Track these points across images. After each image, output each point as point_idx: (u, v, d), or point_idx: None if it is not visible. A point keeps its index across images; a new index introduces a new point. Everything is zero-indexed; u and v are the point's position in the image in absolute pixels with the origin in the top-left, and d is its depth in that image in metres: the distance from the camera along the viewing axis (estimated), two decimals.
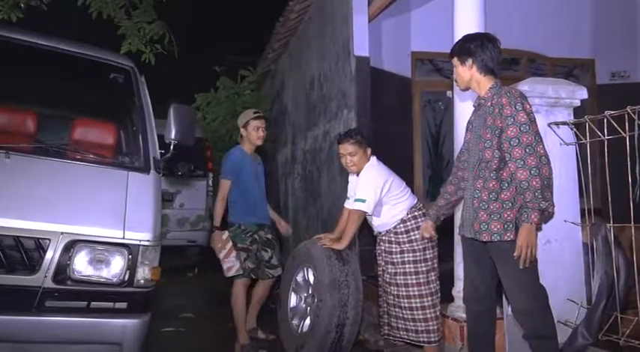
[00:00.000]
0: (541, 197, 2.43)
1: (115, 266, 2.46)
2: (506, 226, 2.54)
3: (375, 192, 3.39)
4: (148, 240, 2.52)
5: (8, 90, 3.38)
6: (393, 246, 3.42)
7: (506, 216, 2.55)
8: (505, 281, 2.65)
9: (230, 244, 3.98)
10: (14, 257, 2.30)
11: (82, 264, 2.40)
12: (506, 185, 2.58)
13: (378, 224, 3.52)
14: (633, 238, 2.65)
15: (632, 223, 2.65)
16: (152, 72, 4.23)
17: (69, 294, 2.38)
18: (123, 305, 2.47)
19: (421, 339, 3.33)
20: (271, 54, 8.54)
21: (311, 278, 3.62)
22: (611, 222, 2.85)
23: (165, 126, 2.91)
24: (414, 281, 3.34)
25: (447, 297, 3.58)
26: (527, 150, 2.47)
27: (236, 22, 15.29)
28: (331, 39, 5.71)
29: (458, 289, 3.46)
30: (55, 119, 3.73)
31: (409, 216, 3.44)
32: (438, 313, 3.39)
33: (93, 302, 2.42)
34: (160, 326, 4.28)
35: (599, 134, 2.84)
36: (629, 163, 2.62)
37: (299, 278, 3.73)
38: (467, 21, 3.43)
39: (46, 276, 2.33)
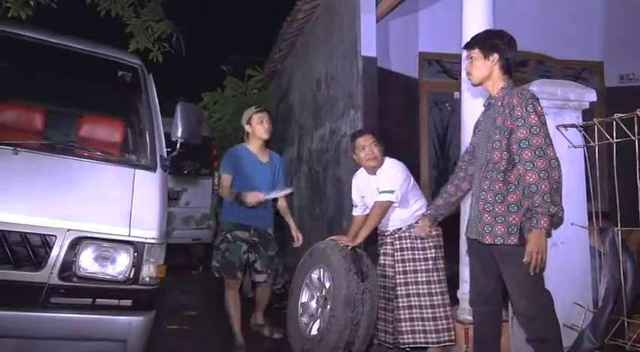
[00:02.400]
0: (550, 201, 2.39)
1: (121, 264, 2.46)
2: (510, 230, 2.51)
3: (402, 184, 3.38)
4: (153, 238, 2.52)
5: (17, 87, 3.40)
6: (417, 240, 3.38)
7: (511, 219, 2.52)
8: (508, 285, 2.63)
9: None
10: (20, 253, 2.30)
11: (87, 261, 2.41)
12: (512, 187, 2.55)
13: (403, 218, 3.45)
14: None
15: None
16: (160, 70, 4.24)
17: (74, 291, 2.38)
18: (128, 302, 2.47)
19: (442, 339, 3.28)
20: (278, 53, 8.55)
21: (326, 283, 3.53)
22: (619, 225, 2.83)
23: (172, 124, 2.92)
24: (436, 278, 3.34)
25: (452, 299, 3.56)
26: (537, 152, 2.44)
27: (243, 22, 15.33)
28: (338, 39, 5.71)
29: (463, 291, 3.45)
30: (62, 116, 3.74)
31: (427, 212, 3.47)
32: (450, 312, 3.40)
33: (98, 299, 2.42)
34: (164, 323, 4.28)
35: (608, 137, 2.82)
36: (637, 166, 2.60)
37: (314, 275, 3.63)
38: (475, 22, 3.42)
39: (51, 273, 2.33)
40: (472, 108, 3.36)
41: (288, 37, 7.73)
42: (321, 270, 3.59)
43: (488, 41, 2.69)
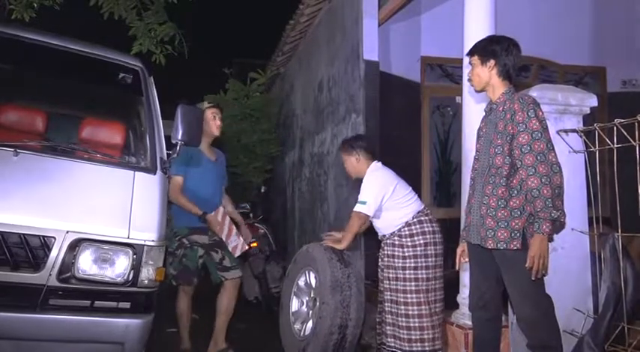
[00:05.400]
0: (552, 206, 2.40)
1: (120, 266, 2.46)
2: (512, 235, 2.51)
3: (377, 196, 3.41)
4: (152, 240, 2.52)
5: (18, 88, 3.41)
6: (396, 249, 3.39)
7: (513, 224, 2.52)
8: (510, 290, 2.63)
9: (227, 222, 3.81)
10: (19, 254, 2.30)
11: (86, 263, 2.41)
12: (515, 192, 2.55)
13: (382, 226, 3.50)
14: None
15: None
16: (162, 73, 4.25)
17: (73, 293, 2.39)
18: (126, 304, 2.48)
19: (414, 348, 3.27)
20: (281, 57, 8.56)
21: (312, 282, 3.63)
22: (620, 231, 2.82)
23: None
24: (413, 288, 3.31)
25: (452, 304, 3.55)
26: (539, 157, 2.44)
27: (246, 25, 15.36)
28: (341, 43, 5.71)
29: (463, 296, 3.43)
30: (63, 118, 3.74)
31: (414, 220, 3.42)
32: (436, 323, 3.32)
33: (96, 302, 2.42)
34: (164, 326, 4.28)
35: (609, 142, 2.81)
36: (638, 172, 2.59)
37: (300, 282, 3.73)
38: (477, 27, 3.42)
39: (50, 275, 2.34)
40: (473, 114, 3.36)
41: (291, 41, 7.74)
42: (306, 273, 3.69)
43: (486, 48, 2.72)
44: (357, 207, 3.44)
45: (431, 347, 3.28)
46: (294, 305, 3.73)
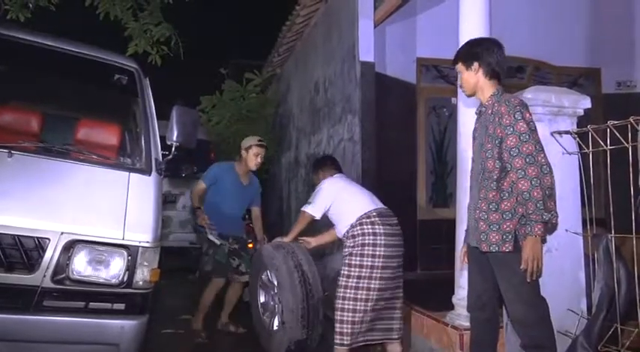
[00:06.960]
0: (543, 208, 2.40)
1: (114, 267, 2.47)
2: (504, 237, 2.52)
3: (321, 198, 3.73)
4: (147, 242, 2.52)
5: (13, 89, 3.40)
6: (345, 249, 3.59)
7: (505, 227, 2.53)
8: (503, 291, 2.63)
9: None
10: (13, 256, 2.30)
11: (81, 264, 2.41)
12: (506, 195, 2.55)
13: (338, 230, 3.74)
14: (634, 249, 2.62)
15: (634, 234, 2.63)
16: (158, 73, 4.25)
17: (67, 294, 2.39)
18: (121, 306, 2.48)
19: (337, 341, 3.42)
20: (277, 58, 8.58)
21: (265, 279, 3.96)
22: (613, 232, 2.83)
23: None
24: (343, 283, 3.48)
25: (447, 305, 3.57)
26: (528, 159, 2.44)
27: (242, 26, 15.36)
28: (337, 44, 5.72)
29: (459, 297, 3.44)
30: (58, 119, 3.74)
31: (357, 222, 3.57)
32: (366, 319, 3.43)
33: (91, 303, 2.42)
34: (160, 327, 4.28)
35: (602, 144, 2.82)
36: (631, 174, 2.60)
37: (262, 298, 4.04)
38: (473, 28, 3.42)
39: (44, 276, 2.34)
40: (468, 114, 3.36)
41: (287, 42, 7.75)
42: (261, 282, 4.04)
43: (467, 52, 2.73)
44: (304, 207, 3.81)
45: (348, 341, 3.41)
46: (272, 323, 3.91)
